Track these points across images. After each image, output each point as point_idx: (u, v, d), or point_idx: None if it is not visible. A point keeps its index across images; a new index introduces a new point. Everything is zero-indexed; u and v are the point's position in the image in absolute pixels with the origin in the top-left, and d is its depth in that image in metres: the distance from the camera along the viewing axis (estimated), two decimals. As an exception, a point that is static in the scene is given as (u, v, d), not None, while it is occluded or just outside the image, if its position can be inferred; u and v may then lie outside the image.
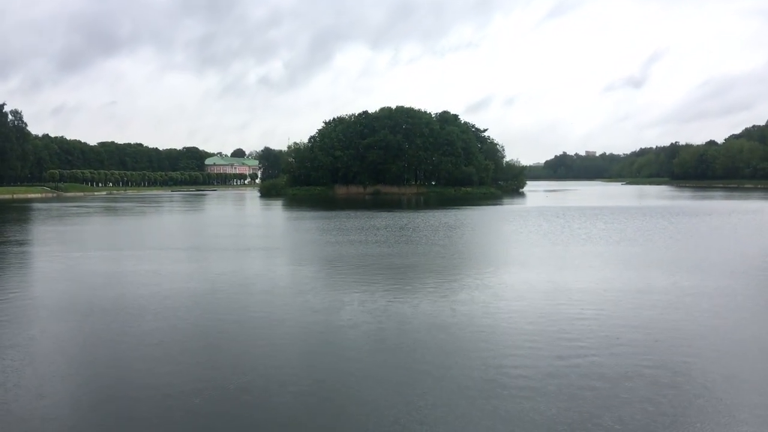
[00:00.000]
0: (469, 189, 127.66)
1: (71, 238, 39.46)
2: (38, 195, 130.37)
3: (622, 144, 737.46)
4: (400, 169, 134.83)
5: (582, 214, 56.68)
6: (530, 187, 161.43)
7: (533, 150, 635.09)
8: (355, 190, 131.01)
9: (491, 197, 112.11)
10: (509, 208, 75.50)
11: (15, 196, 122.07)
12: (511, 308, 16.37)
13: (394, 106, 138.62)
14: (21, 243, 35.38)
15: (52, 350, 12.65)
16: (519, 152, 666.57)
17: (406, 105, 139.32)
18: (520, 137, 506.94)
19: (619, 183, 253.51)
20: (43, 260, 27.58)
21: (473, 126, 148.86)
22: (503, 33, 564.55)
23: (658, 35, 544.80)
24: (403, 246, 31.58)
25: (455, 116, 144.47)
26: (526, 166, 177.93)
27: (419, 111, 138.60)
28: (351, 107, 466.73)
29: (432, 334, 13.80)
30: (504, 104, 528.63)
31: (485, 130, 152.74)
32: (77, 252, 30.00)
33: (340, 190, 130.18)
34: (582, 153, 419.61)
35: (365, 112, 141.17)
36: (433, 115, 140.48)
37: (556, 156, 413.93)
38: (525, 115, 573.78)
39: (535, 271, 23.12)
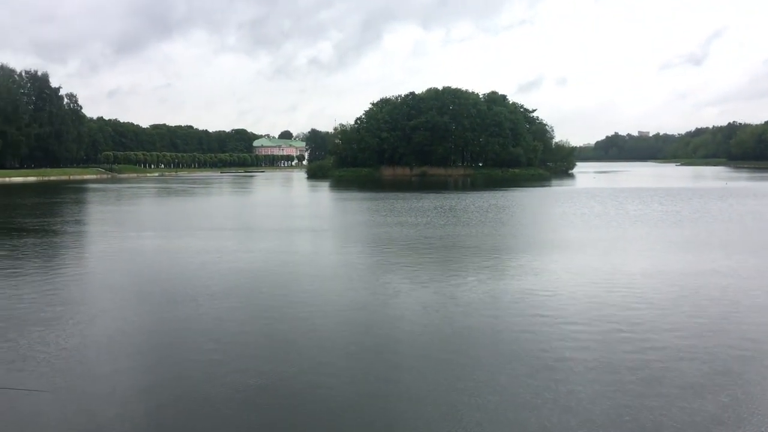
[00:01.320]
0: (516, 170, 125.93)
1: (126, 218, 40.38)
2: (93, 176, 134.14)
3: (677, 124, 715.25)
4: (446, 150, 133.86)
5: (636, 196, 55.21)
6: (580, 168, 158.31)
7: (584, 130, 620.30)
8: (401, 171, 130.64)
9: (539, 179, 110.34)
10: (559, 189, 74.13)
11: (71, 177, 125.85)
12: (569, 292, 15.94)
13: (441, 87, 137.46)
14: (78, 223, 36.36)
15: (113, 329, 12.84)
16: (569, 133, 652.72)
17: (457, 85, 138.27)
18: (571, 118, 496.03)
19: (674, 164, 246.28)
20: (99, 240, 28.25)
21: (522, 106, 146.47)
22: (558, 10, 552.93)
23: (720, 12, 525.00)
24: (452, 227, 31.24)
25: (503, 96, 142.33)
26: (575, 147, 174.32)
27: (466, 92, 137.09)
28: (400, 88, 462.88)
29: (486, 318, 13.53)
30: (556, 83, 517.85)
31: (534, 111, 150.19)
32: (132, 232, 30.64)
33: (387, 172, 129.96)
34: (634, 133, 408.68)
35: (412, 93, 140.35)
36: (480, 96, 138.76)
37: (607, 136, 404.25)
38: (577, 94, 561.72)
39: (591, 253, 22.52)
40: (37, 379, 9.88)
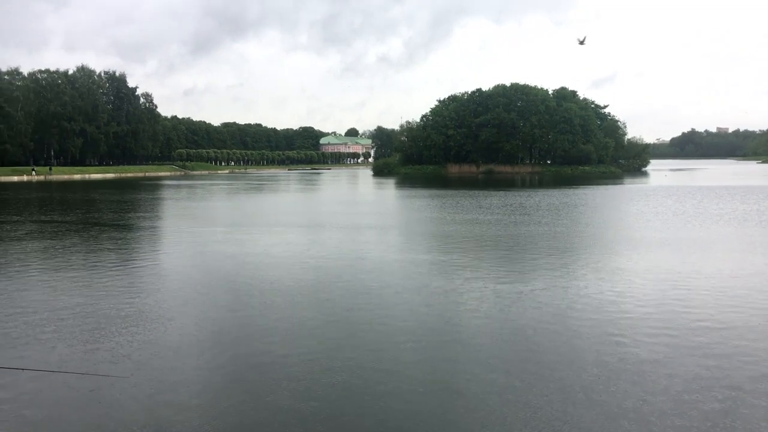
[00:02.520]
0: (587, 168, 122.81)
1: (199, 214, 41.39)
2: (167, 173, 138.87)
3: (759, 120, 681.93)
4: (513, 147, 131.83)
5: (715, 194, 52.77)
6: (654, 165, 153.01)
7: (659, 127, 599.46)
8: (467, 169, 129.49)
9: (611, 176, 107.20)
10: (632, 187, 71.68)
11: (147, 174, 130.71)
12: (647, 294, 15.21)
13: (509, 83, 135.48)
14: (154, 218, 37.48)
15: (190, 323, 13.02)
16: (643, 129, 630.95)
17: (527, 81, 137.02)
18: (645, 114, 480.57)
19: (755, 162, 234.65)
20: (174, 235, 28.99)
21: (593, 102, 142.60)
22: (634, 2, 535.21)
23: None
24: (522, 226, 30.54)
25: (573, 92, 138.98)
26: (649, 143, 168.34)
27: (535, 88, 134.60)
28: (469, 84, 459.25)
29: (558, 320, 13.01)
30: (632, 78, 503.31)
31: (606, 106, 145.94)
32: (205, 227, 31.33)
33: (453, 169, 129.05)
34: (712, 129, 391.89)
35: (479, 90, 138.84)
36: (550, 92, 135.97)
37: (683, 133, 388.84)
38: (653, 89, 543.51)
39: (673, 253, 21.51)
40: (119, 367, 10.07)
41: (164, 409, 8.61)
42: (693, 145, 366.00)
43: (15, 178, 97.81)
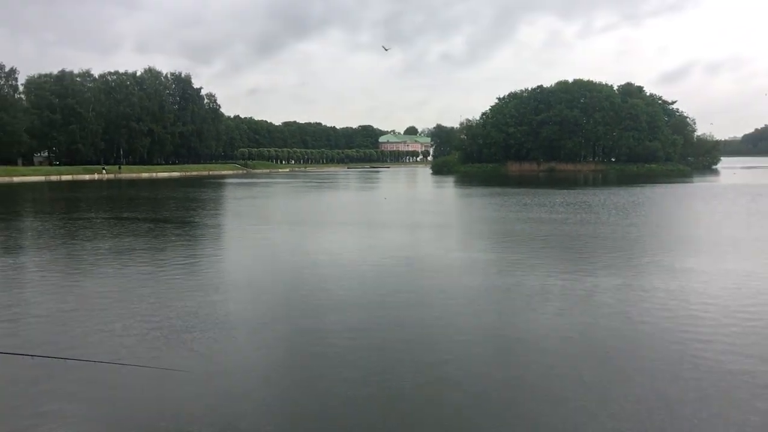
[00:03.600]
0: (653, 165, 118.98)
1: (261, 212, 41.96)
2: (230, 171, 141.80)
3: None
4: (576, 145, 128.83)
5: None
6: (725, 163, 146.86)
7: (730, 123, 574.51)
8: (528, 167, 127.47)
9: (679, 174, 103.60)
10: (702, 185, 68.91)
11: (210, 172, 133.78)
12: (724, 296, 14.39)
13: (572, 80, 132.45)
14: (217, 215, 38.17)
15: (252, 318, 13.04)
16: (714, 126, 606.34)
17: (592, 77, 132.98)
18: (717, 109, 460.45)
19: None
20: (237, 232, 29.42)
21: (660, 98, 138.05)
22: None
23: None
24: (592, 226, 29.58)
25: (639, 88, 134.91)
26: (719, 140, 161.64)
27: (599, 84, 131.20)
28: (533, 81, 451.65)
29: (633, 325, 12.40)
30: (705, 72, 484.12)
31: (674, 102, 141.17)
32: (267, 225, 31.67)
33: (513, 167, 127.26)
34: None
35: (540, 87, 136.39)
36: (615, 88, 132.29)
37: (756, 129, 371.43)
38: (727, 84, 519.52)
39: (746, 254, 20.38)
40: (181, 361, 10.11)
41: (228, 401, 8.56)
42: (767, 142, 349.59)
43: (86, 177, 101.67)
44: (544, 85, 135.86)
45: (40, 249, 23.26)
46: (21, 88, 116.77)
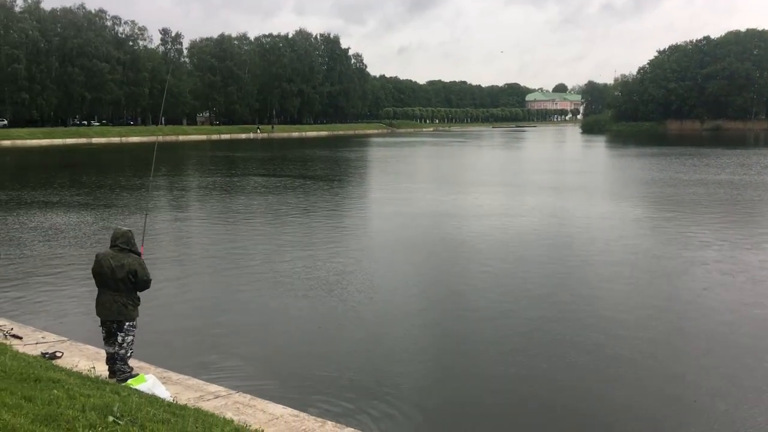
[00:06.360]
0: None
1: (404, 171, 42.08)
2: (375, 131, 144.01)
3: None
4: (747, 101, 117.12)
5: None
6: None
7: None
8: (689, 125, 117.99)
9: None
10: None
11: (356, 132, 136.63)
12: None
13: (745, 29, 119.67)
14: (362, 175, 38.76)
15: (396, 279, 12.93)
16: None
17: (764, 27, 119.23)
18: None
19: None
20: (380, 191, 29.62)
21: None
22: None
23: None
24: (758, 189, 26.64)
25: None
26: None
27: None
28: (703, 33, 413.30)
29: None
30: None
31: None
32: (412, 183, 31.65)
33: (673, 126, 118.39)
34: None
35: (706, 38, 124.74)
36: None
37: None
38: None
39: None
40: (332, 321, 10.18)
41: (380, 357, 8.45)
42: None
43: (242, 136, 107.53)
44: (711, 37, 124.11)
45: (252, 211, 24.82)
46: (185, 52, 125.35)
